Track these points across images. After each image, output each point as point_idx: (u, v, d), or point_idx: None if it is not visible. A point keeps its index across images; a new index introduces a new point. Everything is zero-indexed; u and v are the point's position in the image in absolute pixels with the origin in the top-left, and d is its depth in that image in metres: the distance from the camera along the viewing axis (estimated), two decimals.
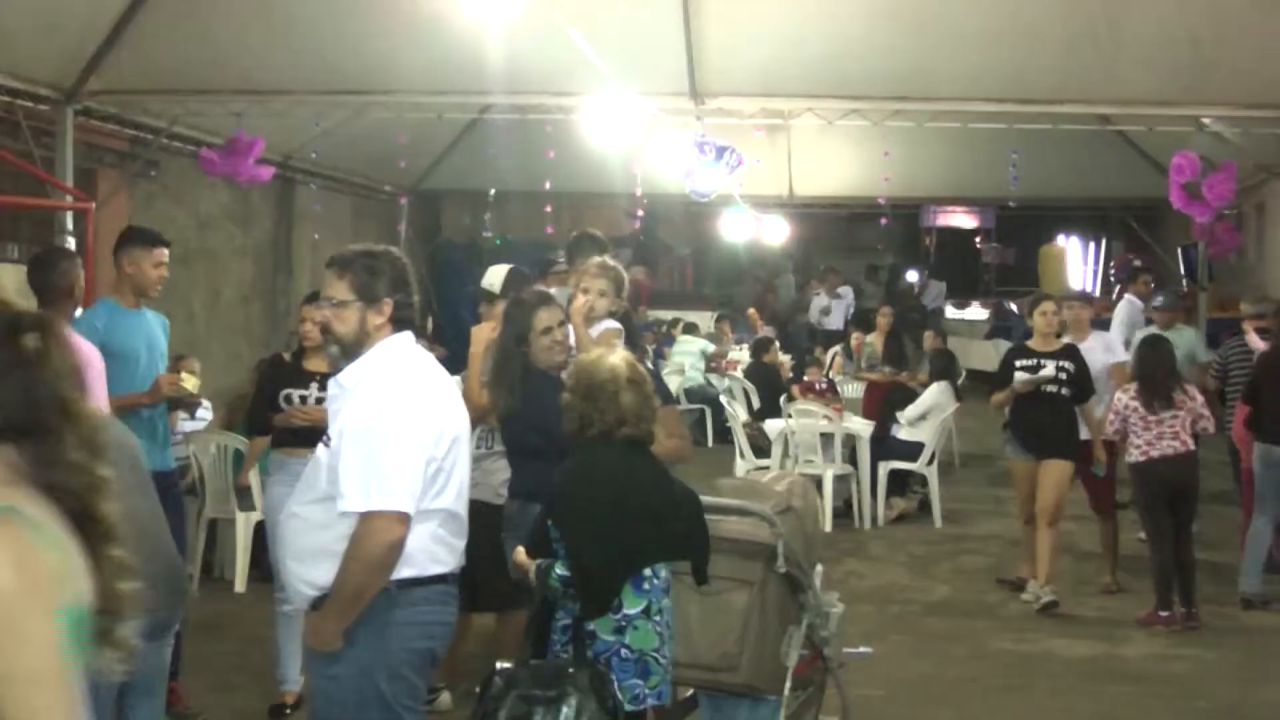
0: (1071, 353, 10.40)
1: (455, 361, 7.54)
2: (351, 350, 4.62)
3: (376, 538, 4.37)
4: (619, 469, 5.10)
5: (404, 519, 4.39)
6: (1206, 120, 14.27)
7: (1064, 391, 10.21)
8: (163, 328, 7.61)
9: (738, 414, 15.15)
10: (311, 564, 4.52)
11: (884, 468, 13.34)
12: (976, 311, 30.65)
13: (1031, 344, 10.61)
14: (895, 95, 13.52)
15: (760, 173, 17.63)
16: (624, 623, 4.96)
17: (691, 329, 21.43)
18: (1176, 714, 7.87)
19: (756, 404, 17.23)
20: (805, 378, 15.15)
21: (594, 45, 10.50)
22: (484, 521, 6.54)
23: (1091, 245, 33.00)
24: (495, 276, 7.88)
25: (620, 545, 4.97)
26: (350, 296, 4.61)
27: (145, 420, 7.13)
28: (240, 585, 10.33)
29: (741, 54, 13.15)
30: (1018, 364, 10.40)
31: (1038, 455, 10.22)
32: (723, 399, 16.90)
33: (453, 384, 4.88)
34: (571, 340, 6.67)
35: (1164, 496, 9.77)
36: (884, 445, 13.49)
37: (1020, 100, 13.61)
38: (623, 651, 4.94)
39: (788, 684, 5.69)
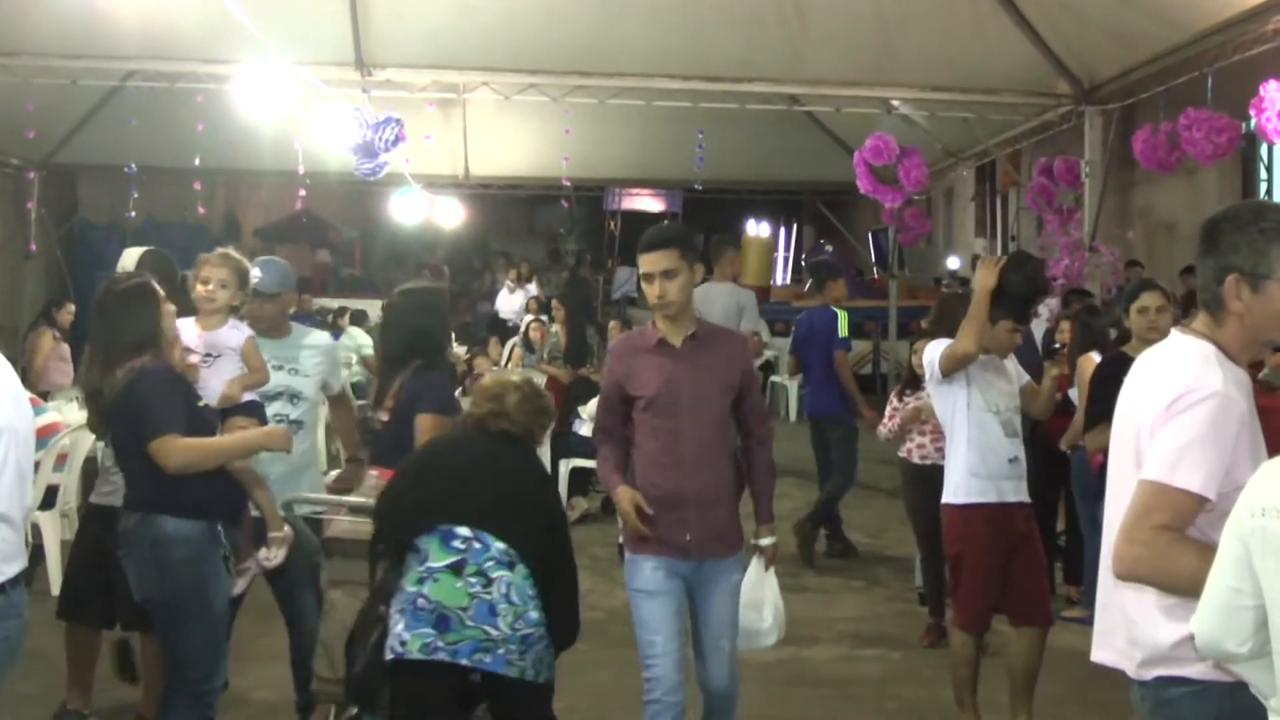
0: None
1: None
2: None
3: None
4: None
5: None
6: (895, 103, 14.90)
7: None
8: None
9: None
10: None
11: (565, 465, 13.39)
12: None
13: (1132, 352, 7.57)
14: (576, 70, 13.68)
15: (434, 150, 17.62)
16: (426, 575, 5.33)
17: (360, 318, 21.13)
18: (866, 715, 8.15)
19: None
20: (474, 370, 15.04)
21: (249, 9, 10.29)
22: None
23: (783, 231, 33.90)
24: (129, 260, 7.61)
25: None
26: None
27: None
28: None
29: (411, 22, 13.10)
30: None
31: None
32: None
33: (11, 374, 4.69)
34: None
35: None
36: (565, 442, 13.51)
37: (706, 78, 13.94)
38: (419, 601, 5.30)
39: None
